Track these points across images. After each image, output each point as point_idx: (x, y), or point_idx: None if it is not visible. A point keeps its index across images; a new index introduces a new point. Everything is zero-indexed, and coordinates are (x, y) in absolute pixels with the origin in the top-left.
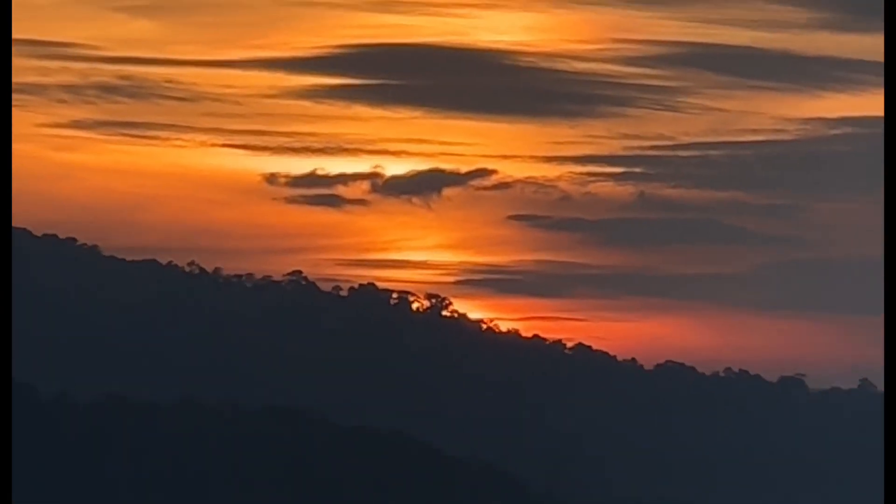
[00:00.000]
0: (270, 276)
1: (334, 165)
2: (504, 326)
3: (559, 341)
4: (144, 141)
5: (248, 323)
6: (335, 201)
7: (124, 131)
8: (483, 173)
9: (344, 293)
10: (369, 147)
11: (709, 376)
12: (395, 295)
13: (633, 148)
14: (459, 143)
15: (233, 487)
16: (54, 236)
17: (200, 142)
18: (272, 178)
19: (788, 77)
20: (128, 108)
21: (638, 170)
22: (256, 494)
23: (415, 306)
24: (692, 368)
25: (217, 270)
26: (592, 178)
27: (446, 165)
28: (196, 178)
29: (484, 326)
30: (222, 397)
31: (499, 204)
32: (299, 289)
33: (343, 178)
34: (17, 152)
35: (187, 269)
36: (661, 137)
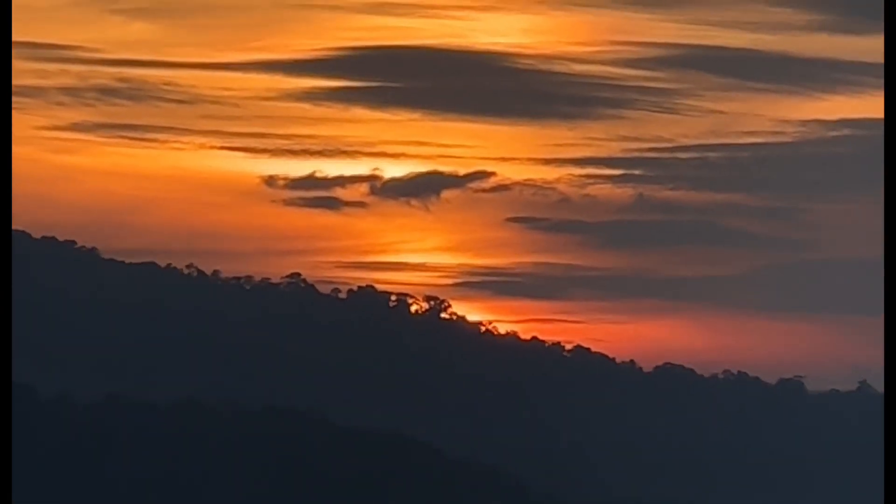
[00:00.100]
0: (269, 279)
1: (333, 168)
2: (503, 328)
3: (558, 343)
4: (143, 143)
5: (247, 325)
6: (334, 203)
7: (123, 134)
8: (482, 175)
9: (343, 295)
10: (368, 149)
11: (708, 378)
12: (394, 297)
13: (632, 150)
14: (458, 146)
15: (232, 488)
16: (53, 238)
17: (199, 144)
18: (271, 181)
19: (787, 79)
20: (127, 111)
21: (637, 172)
22: (256, 495)
23: (413, 308)
24: (691, 370)
25: (216, 273)
26: (591, 181)
27: (445, 168)
28: (195, 181)
29: (483, 328)
30: (222, 398)
31: (497, 206)
32: (298, 291)
33: (342, 181)
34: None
35: (186, 272)
36: (660, 139)
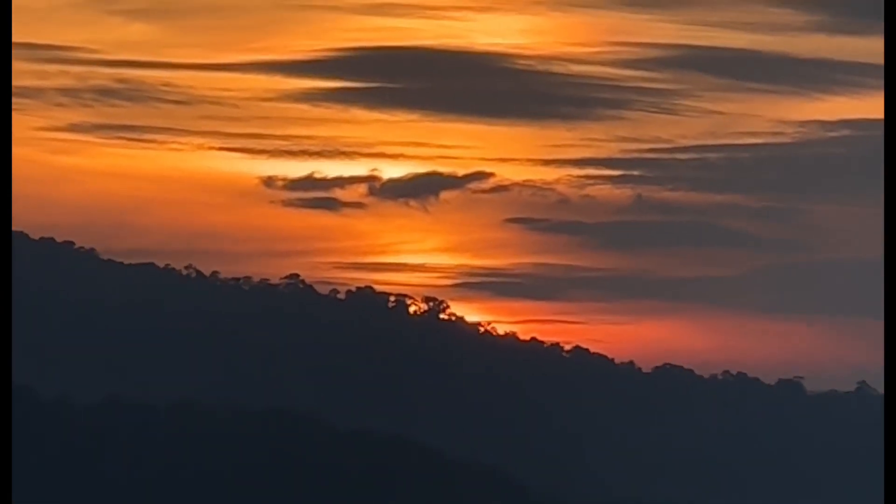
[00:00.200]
0: (268, 280)
1: (331, 168)
2: (502, 329)
3: (557, 344)
4: (142, 144)
5: (246, 326)
6: (332, 204)
7: (122, 135)
8: (480, 176)
9: (341, 296)
10: (366, 150)
11: (707, 379)
12: (393, 298)
13: (631, 151)
14: (457, 147)
15: (231, 490)
16: (52, 239)
17: (198, 145)
18: (269, 182)
19: (786, 80)
20: (125, 112)
21: (636, 172)
22: (255, 497)
23: (412, 309)
24: (690, 371)
25: (214, 274)
26: (590, 181)
27: (444, 168)
28: (193, 182)
29: (482, 329)
30: (221, 400)
31: (496, 207)
32: (297, 292)
33: (340, 182)
34: (15, 155)
35: (185, 273)
36: (659, 140)
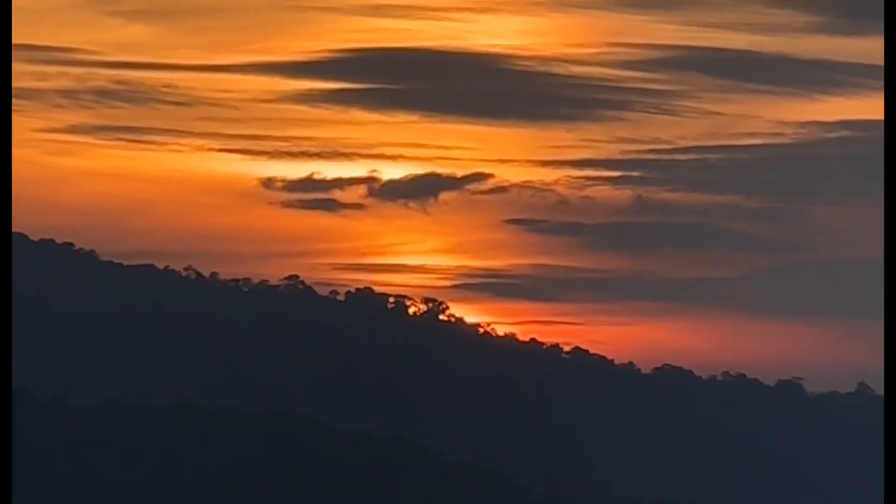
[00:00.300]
0: (267, 281)
1: (331, 170)
2: (501, 330)
3: (556, 345)
4: (141, 146)
5: (245, 327)
6: (332, 206)
7: (121, 136)
8: (480, 177)
9: (341, 297)
10: (366, 151)
11: (706, 380)
12: (392, 299)
13: (631, 152)
14: (456, 148)
15: (231, 491)
16: (51, 241)
17: (197, 146)
18: (269, 183)
19: (786, 81)
20: (125, 113)
21: (635, 174)
22: (255, 498)
23: (412, 310)
24: (690, 372)
25: (214, 275)
26: (589, 182)
27: (443, 170)
28: (193, 183)
29: (481, 330)
30: (220, 401)
31: (495, 208)
32: (296, 293)
33: (340, 183)
34: (15, 157)
35: (184, 274)
36: (659, 141)
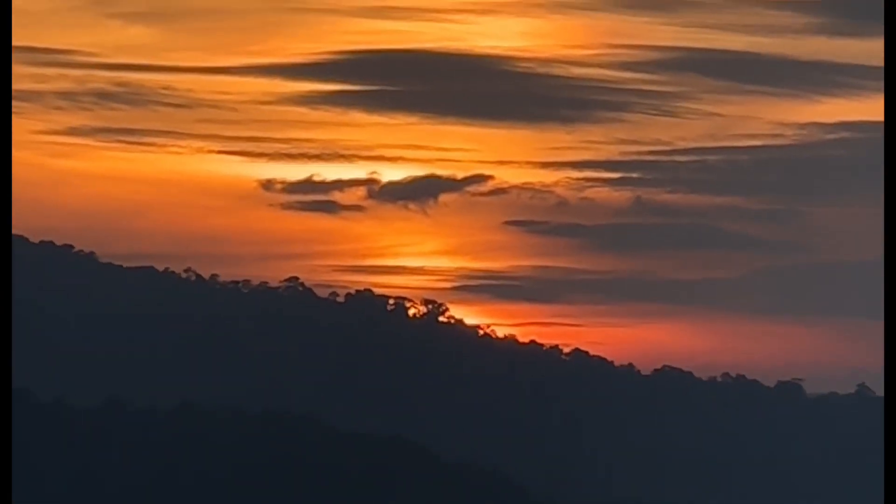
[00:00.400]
0: (267, 283)
1: (331, 172)
2: (501, 332)
3: (556, 347)
4: (141, 147)
5: (245, 329)
6: (332, 207)
7: (121, 138)
8: (480, 179)
9: (340, 299)
10: (366, 153)
11: (706, 381)
12: (392, 301)
13: (630, 153)
14: (456, 149)
15: (231, 492)
16: (51, 243)
17: (197, 148)
18: (268, 185)
19: (786, 82)
20: (124, 115)
21: (635, 175)
22: (255, 499)
23: (411, 312)
24: (690, 373)
25: (214, 277)
26: (589, 184)
27: (443, 171)
28: (192, 185)
29: (481, 332)
30: (220, 402)
31: (495, 210)
32: (296, 295)
33: (339, 185)
34: (14, 159)
35: (184, 276)
36: (659, 143)
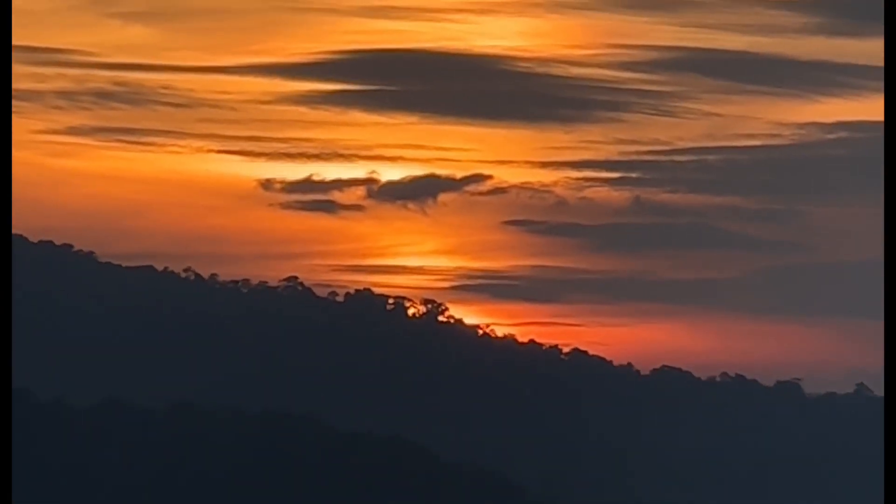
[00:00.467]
0: (266, 282)
1: (330, 171)
2: (500, 332)
3: (555, 346)
4: (140, 147)
5: (245, 328)
6: (331, 207)
7: (120, 137)
8: (479, 179)
9: (340, 299)
10: (365, 153)
11: (705, 381)
12: (391, 300)
13: (629, 153)
14: (455, 149)
15: (231, 492)
16: (50, 242)
17: (196, 148)
18: (268, 184)
19: (784, 82)
20: (124, 115)
21: (634, 175)
22: (254, 499)
23: (411, 312)
24: (688, 373)
25: (213, 276)
26: (588, 184)
27: (442, 171)
28: (192, 185)
29: (480, 332)
30: (219, 402)
31: (494, 209)
32: (295, 294)
33: (339, 184)
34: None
35: (183, 275)
36: (658, 142)
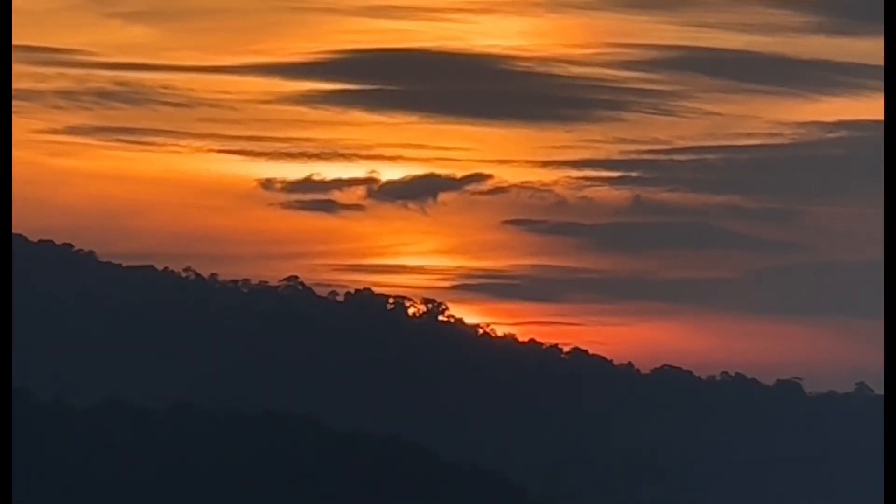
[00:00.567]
0: (266, 282)
1: (330, 171)
2: (500, 331)
3: (555, 346)
4: (141, 147)
5: (245, 328)
6: (331, 206)
7: (120, 137)
8: (479, 178)
9: (340, 298)
10: (365, 152)
11: (705, 380)
12: (392, 300)
13: (629, 152)
14: (455, 148)
15: (230, 491)
16: (50, 242)
17: (196, 147)
18: (268, 184)
19: (784, 81)
20: (124, 114)
21: (634, 174)
22: (254, 499)
23: (411, 311)
24: (689, 372)
25: (213, 276)
26: (588, 183)
27: (442, 170)
28: (192, 184)
29: (480, 331)
30: (219, 402)
31: (494, 209)
32: (295, 294)
33: (339, 184)
34: (14, 158)
35: (183, 275)
36: (657, 142)
